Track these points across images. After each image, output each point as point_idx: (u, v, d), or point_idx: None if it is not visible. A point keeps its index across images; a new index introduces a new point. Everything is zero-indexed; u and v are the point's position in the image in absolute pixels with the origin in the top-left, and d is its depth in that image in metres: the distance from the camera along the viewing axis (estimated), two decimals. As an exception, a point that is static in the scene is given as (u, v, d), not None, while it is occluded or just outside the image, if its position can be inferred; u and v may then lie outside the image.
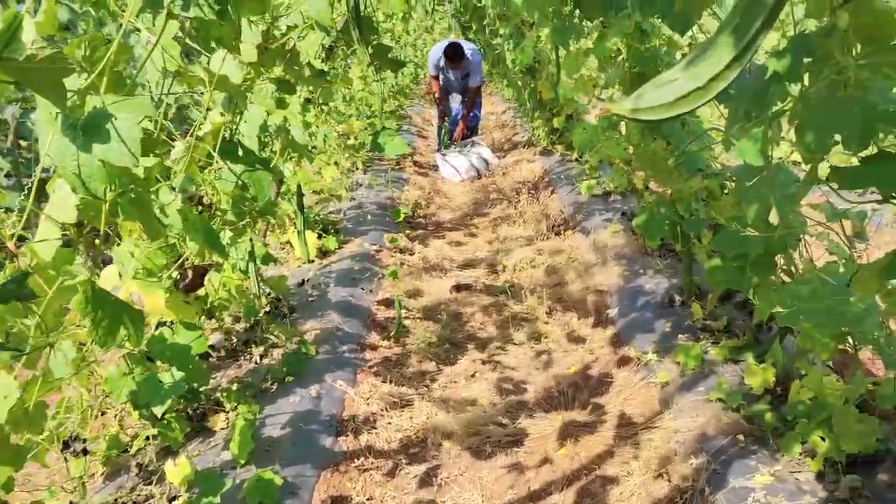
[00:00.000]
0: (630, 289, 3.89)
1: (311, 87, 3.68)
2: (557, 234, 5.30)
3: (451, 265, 4.92)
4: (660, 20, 2.59)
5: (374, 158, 7.54)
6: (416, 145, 9.15)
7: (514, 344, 3.69)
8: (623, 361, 3.30)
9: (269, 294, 3.79)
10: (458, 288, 4.45)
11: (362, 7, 2.62)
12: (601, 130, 4.50)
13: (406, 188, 6.86)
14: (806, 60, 1.58)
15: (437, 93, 7.85)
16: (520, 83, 8.40)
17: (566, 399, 3.11)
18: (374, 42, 2.67)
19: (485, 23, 7.87)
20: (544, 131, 7.72)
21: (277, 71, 2.94)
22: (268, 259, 3.53)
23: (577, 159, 6.58)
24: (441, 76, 7.66)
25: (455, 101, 8.05)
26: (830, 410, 2.25)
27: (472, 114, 8.00)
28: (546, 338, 3.73)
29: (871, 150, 1.55)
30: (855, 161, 1.58)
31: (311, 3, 2.47)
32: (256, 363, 3.26)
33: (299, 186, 4.32)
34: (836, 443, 2.18)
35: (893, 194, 1.52)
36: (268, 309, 3.67)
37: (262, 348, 3.31)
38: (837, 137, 1.51)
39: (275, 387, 3.05)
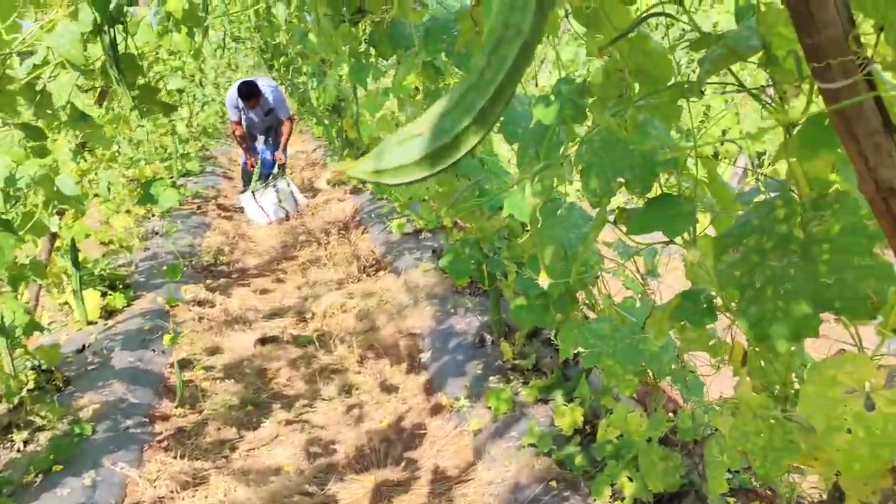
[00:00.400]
0: (442, 330, 3.80)
1: (77, 132, 3.28)
2: (369, 275, 5.15)
3: (257, 316, 4.60)
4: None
5: (174, 203, 7.04)
6: (221, 187, 8.69)
7: (324, 399, 3.46)
8: (436, 409, 3.17)
9: (39, 366, 3.31)
10: (263, 341, 4.15)
11: (123, 44, 2.33)
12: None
13: (208, 234, 6.43)
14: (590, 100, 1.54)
15: (239, 135, 7.36)
16: (327, 121, 8.23)
17: (379, 456, 2.93)
18: (140, 83, 2.39)
19: (282, 60, 7.63)
20: (354, 169, 7.56)
21: (28, 115, 2.57)
22: (32, 328, 3.06)
23: (387, 197, 6.49)
24: (243, 117, 7.21)
25: (261, 143, 7.64)
26: (636, 449, 2.24)
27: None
28: (358, 389, 3.54)
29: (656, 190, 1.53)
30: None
31: (57, 39, 2.15)
32: (19, 451, 2.79)
33: (73, 241, 3.84)
34: (643, 482, 2.16)
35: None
36: (33, 385, 3.17)
37: (25, 433, 2.84)
38: (622, 180, 1.47)
39: (39, 479, 2.61)
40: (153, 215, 6.57)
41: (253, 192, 7.35)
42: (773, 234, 1.11)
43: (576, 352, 2.62)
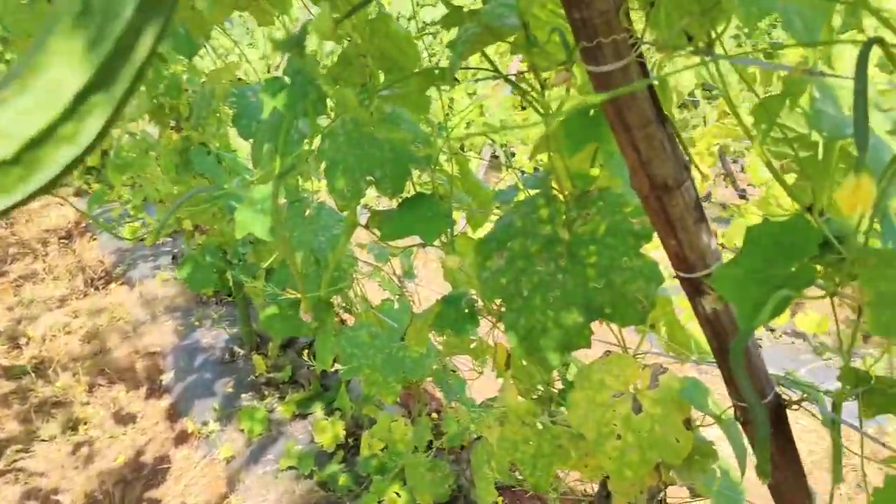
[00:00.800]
0: (186, 346, 3.42)
1: None
2: (98, 289, 4.55)
3: (-46, 347, 3.85)
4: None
5: None
6: None
7: (44, 441, 2.94)
8: (182, 438, 2.82)
9: None
10: (-38, 378, 3.47)
11: None
12: (139, 165, 3.95)
13: None
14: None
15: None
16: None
17: (113, 501, 2.53)
18: None
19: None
20: (78, 170, 6.73)
21: None
22: None
23: (118, 199, 5.83)
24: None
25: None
26: (403, 460, 2.12)
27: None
28: (86, 424, 3.06)
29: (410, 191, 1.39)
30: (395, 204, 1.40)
31: None
32: None
33: None
34: (412, 495, 2.05)
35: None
36: None
37: None
38: (372, 178, 1.31)
39: None
40: None
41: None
42: (538, 235, 1.01)
43: (336, 364, 2.46)
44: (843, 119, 0.63)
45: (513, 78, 0.99)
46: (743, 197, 4.97)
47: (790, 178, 0.81)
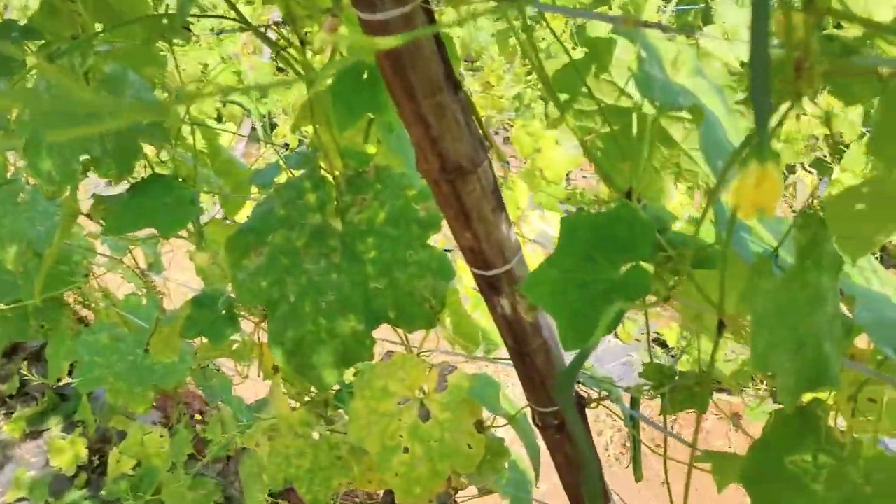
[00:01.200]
0: None
1: None
2: None
3: None
4: None
5: None
6: None
7: None
8: None
9: None
10: None
11: None
12: None
13: None
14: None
15: None
16: None
17: None
18: None
19: None
20: None
21: None
22: None
23: None
24: None
25: None
26: (159, 479, 1.86)
27: None
28: None
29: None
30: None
31: None
32: None
33: None
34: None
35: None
36: None
37: None
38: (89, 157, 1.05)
39: None
40: None
41: None
42: (306, 226, 0.82)
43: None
44: (671, 85, 0.52)
45: (266, 31, 0.79)
46: (508, 169, 5.11)
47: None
